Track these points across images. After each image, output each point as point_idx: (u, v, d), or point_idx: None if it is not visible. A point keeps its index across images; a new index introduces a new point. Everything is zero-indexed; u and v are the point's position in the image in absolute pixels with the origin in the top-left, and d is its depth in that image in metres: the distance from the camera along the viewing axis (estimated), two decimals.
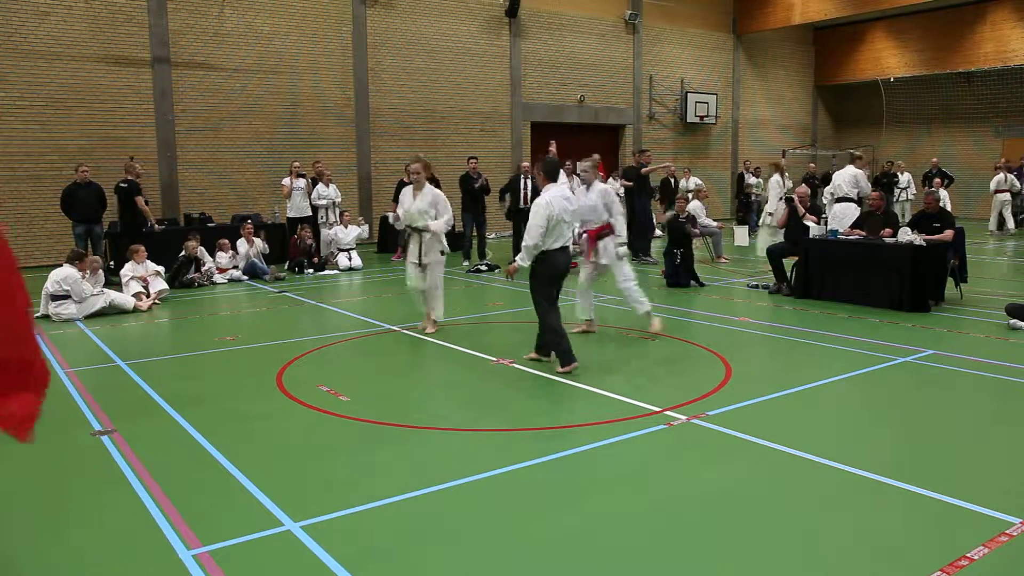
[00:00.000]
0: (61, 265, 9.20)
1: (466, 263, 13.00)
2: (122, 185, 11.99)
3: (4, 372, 1.66)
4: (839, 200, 11.45)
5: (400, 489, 4.00)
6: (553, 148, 12.32)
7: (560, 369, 6.17)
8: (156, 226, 12.67)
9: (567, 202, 6.31)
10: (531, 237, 6.14)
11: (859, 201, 11.34)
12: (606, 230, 7.42)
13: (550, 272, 6.27)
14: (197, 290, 11.17)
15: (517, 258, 6.33)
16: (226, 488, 4.11)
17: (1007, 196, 17.79)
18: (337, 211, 14.00)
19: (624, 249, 7.54)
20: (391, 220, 8.65)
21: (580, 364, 6.24)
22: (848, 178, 11.46)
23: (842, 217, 10.81)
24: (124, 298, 9.42)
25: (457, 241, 14.29)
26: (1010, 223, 17.79)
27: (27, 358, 1.70)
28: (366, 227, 14.09)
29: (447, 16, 17.71)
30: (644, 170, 13.66)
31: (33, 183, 13.46)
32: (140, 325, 8.85)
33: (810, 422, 5.11)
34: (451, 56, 17.83)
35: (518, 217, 13.53)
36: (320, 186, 13.90)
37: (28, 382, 1.70)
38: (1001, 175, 17.79)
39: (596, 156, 7.94)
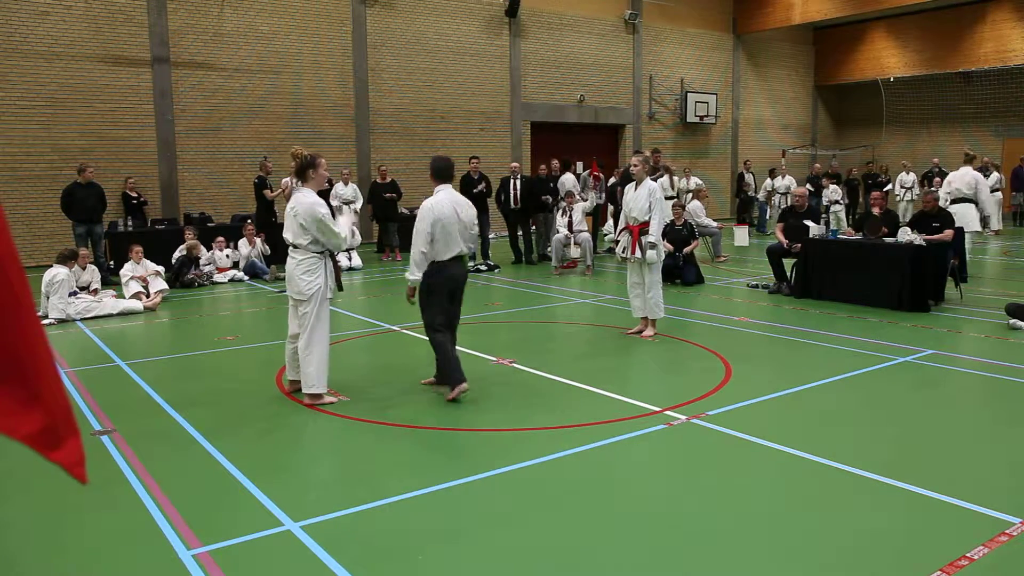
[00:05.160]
0: (52, 266, 9.12)
1: (471, 263, 13.03)
2: (255, 181, 13.34)
3: (56, 430, 1.72)
4: (956, 201, 11.27)
5: (400, 489, 4.00)
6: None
7: (448, 396, 5.55)
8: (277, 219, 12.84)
9: (457, 207, 5.57)
10: (416, 245, 5.49)
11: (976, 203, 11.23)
12: (647, 228, 7.32)
13: (446, 285, 5.59)
14: (197, 290, 11.18)
15: (406, 274, 5.64)
16: (226, 488, 4.11)
17: (999, 195, 17.84)
18: (351, 210, 14.10)
19: (652, 254, 7.31)
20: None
21: (580, 364, 6.24)
22: (969, 180, 11.28)
23: (960, 216, 10.73)
24: (133, 304, 9.40)
25: None
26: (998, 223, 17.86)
27: (67, 407, 1.74)
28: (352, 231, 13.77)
29: (447, 16, 17.72)
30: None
31: (33, 183, 13.47)
32: (140, 325, 8.85)
33: (810, 422, 5.11)
34: (451, 56, 17.83)
35: (512, 216, 13.56)
36: (339, 185, 14.02)
37: (71, 428, 1.75)
38: (996, 174, 17.82)
39: (646, 151, 7.90)
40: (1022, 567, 3.21)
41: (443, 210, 5.49)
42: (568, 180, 14.05)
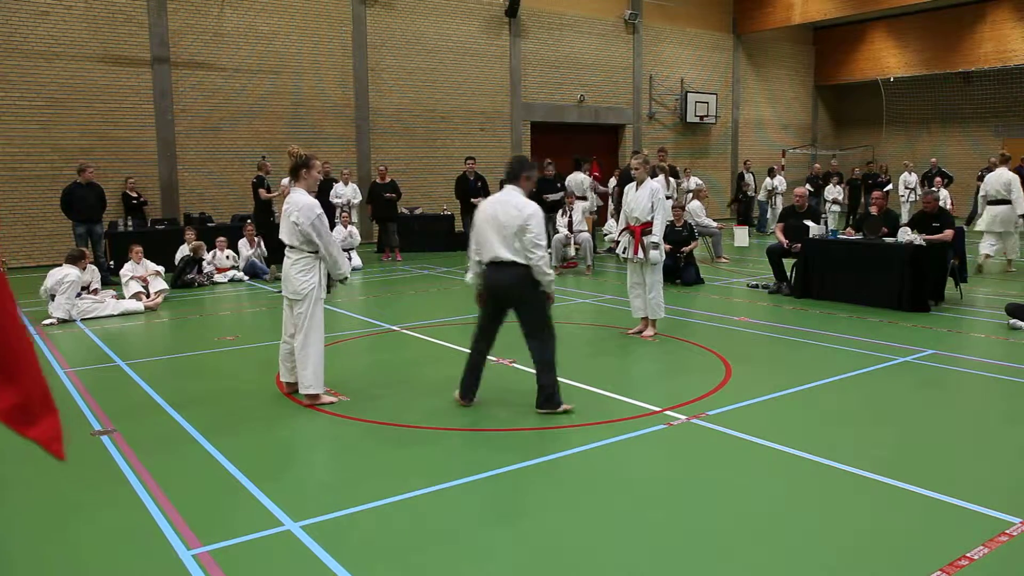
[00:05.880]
0: (60, 265, 9.18)
1: None
2: (253, 181, 13.01)
3: (31, 407, 1.75)
4: (993, 202, 11.57)
5: (400, 489, 4.00)
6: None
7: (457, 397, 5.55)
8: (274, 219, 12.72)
9: (499, 207, 5.21)
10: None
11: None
12: (648, 228, 7.32)
13: (484, 290, 5.38)
14: (197, 290, 11.18)
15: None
16: (226, 488, 4.11)
17: None
18: (351, 211, 14.13)
19: (655, 254, 7.33)
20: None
21: (580, 364, 6.22)
22: (1004, 181, 11.55)
23: (1003, 219, 11.26)
24: (134, 304, 9.40)
25: (458, 241, 14.52)
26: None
27: (43, 386, 1.78)
28: (350, 232, 13.84)
29: (447, 16, 17.71)
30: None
31: (33, 183, 13.46)
32: (140, 325, 8.85)
33: (810, 422, 5.11)
34: (451, 56, 17.83)
35: None
36: (339, 185, 14.03)
37: (49, 407, 1.79)
38: None
39: (646, 151, 7.88)
40: (1022, 567, 3.21)
41: (484, 210, 5.28)
42: (585, 181, 14.04)
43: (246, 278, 12.02)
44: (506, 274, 5.18)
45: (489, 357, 6.20)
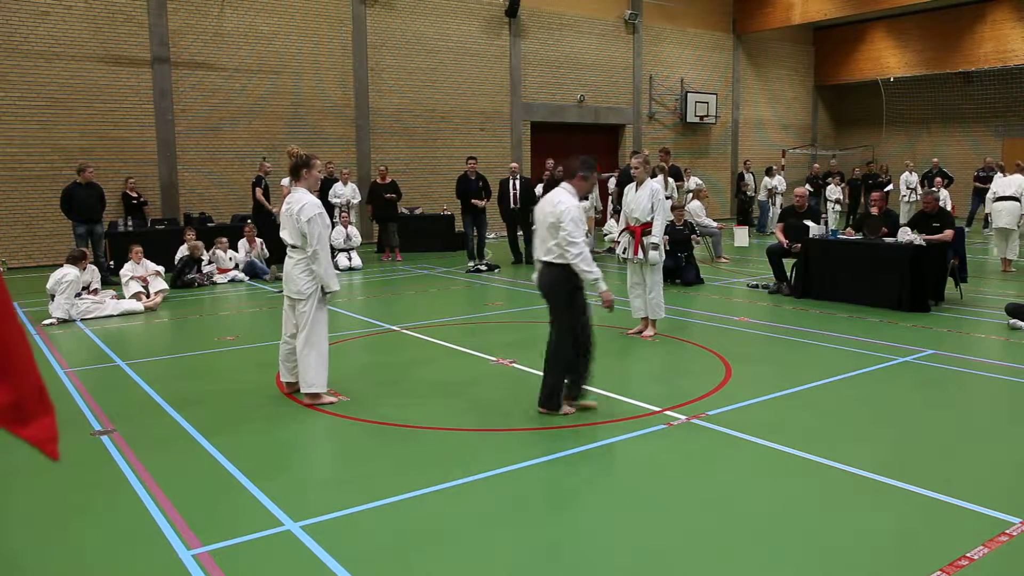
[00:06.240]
0: (62, 265, 9.19)
1: (471, 263, 13.05)
2: (253, 180, 13.29)
3: (24, 406, 1.74)
4: (1001, 199, 12.21)
5: (400, 489, 4.00)
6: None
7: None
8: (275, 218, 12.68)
9: (543, 204, 5.21)
10: None
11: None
12: (648, 228, 7.32)
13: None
14: (197, 290, 11.18)
15: None
16: (226, 488, 4.11)
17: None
18: (350, 211, 14.15)
19: (654, 254, 7.34)
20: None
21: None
22: (1018, 183, 12.32)
23: (1008, 211, 11.95)
24: (134, 304, 9.40)
25: (458, 241, 14.56)
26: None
27: (39, 385, 1.76)
28: (349, 232, 13.84)
29: (447, 16, 17.72)
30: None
31: (33, 183, 13.46)
32: (140, 325, 8.85)
33: (810, 422, 5.11)
34: (451, 56, 17.83)
35: (511, 217, 13.54)
36: (338, 185, 14.05)
37: (44, 406, 1.78)
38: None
39: (646, 151, 7.86)
40: (1022, 567, 3.21)
41: (536, 208, 5.32)
42: None
43: (246, 278, 12.01)
44: (545, 274, 5.19)
45: (489, 357, 6.20)
